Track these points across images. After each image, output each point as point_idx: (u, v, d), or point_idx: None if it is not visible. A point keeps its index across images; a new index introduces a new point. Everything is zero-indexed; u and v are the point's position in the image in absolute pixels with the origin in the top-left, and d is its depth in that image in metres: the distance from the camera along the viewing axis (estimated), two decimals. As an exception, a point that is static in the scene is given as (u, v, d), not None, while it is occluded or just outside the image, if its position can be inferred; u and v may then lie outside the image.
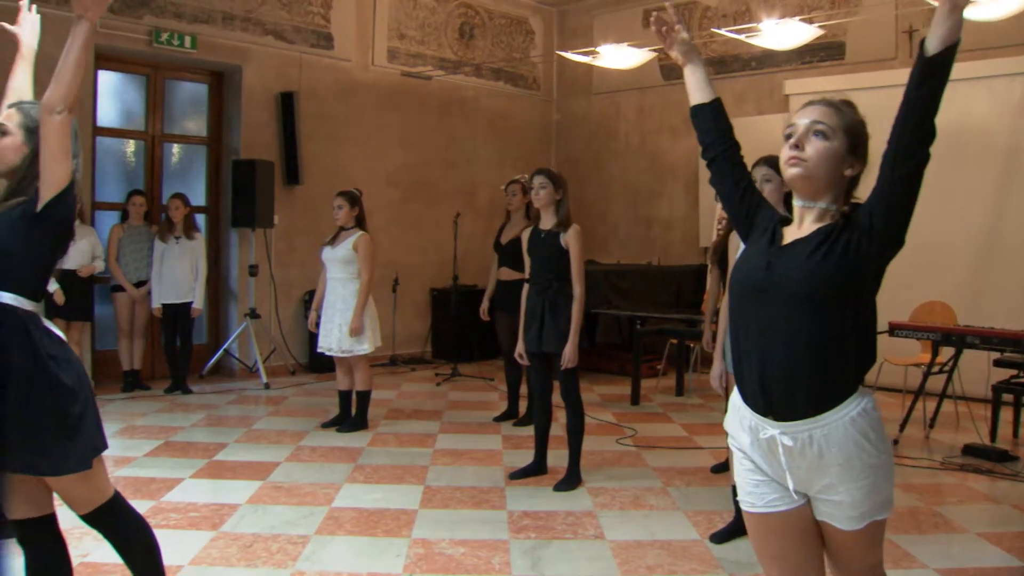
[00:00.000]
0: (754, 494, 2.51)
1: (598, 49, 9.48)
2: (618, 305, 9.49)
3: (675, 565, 4.30)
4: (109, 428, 6.68)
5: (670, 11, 2.77)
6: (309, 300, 9.98)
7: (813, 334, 2.36)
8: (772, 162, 4.54)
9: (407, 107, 11.16)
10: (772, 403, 2.41)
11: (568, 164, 12.13)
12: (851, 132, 2.44)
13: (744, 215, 2.65)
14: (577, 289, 5.54)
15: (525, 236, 5.87)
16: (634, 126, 11.91)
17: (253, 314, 9.48)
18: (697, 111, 2.74)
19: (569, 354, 5.50)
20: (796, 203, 2.50)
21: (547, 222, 5.68)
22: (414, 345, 11.16)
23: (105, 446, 2.96)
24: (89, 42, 2.90)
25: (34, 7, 3.37)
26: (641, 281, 10.00)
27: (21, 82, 3.33)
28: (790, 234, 2.50)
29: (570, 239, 5.55)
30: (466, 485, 5.69)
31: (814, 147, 2.42)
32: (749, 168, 2.77)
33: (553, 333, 5.55)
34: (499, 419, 7.67)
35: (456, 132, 11.71)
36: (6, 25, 3.36)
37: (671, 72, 11.21)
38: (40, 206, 2.85)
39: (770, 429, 2.43)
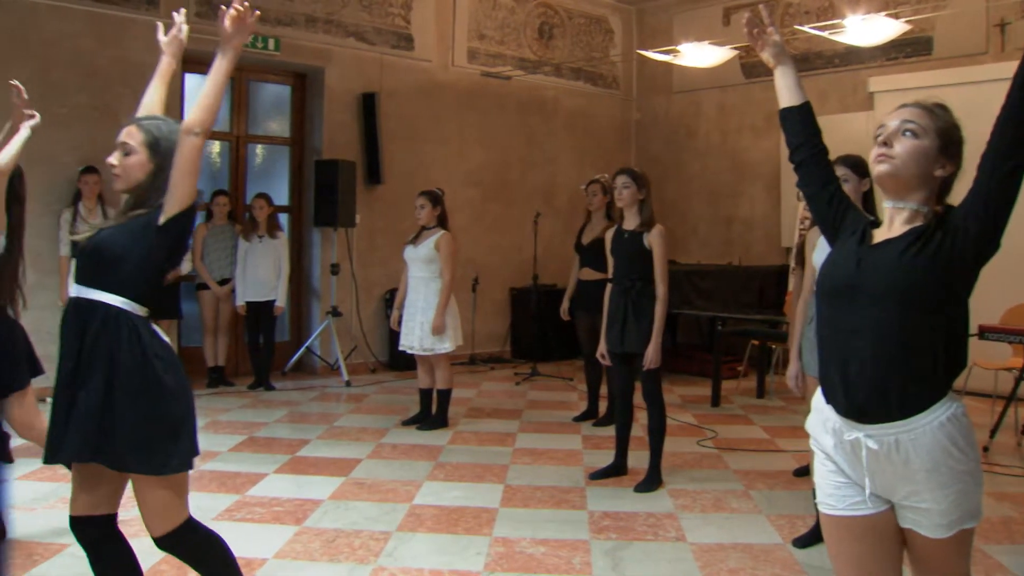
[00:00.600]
0: (835, 496, 2.47)
1: (679, 47, 9.41)
2: (699, 305, 9.41)
3: (757, 569, 4.25)
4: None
5: (763, 12, 2.75)
6: (390, 299, 10.07)
7: (902, 334, 2.31)
8: (850, 162, 4.47)
9: (487, 107, 11.20)
10: (858, 405, 2.35)
11: (648, 163, 12.05)
12: (943, 133, 2.39)
13: (831, 219, 2.61)
14: (661, 289, 5.50)
15: (609, 236, 5.85)
16: (714, 125, 11.80)
17: (335, 312, 9.60)
18: (787, 114, 2.72)
19: (651, 355, 5.47)
20: (886, 204, 2.46)
21: (630, 222, 5.65)
22: (493, 344, 11.20)
23: (198, 452, 3.02)
24: (231, 69, 2.98)
25: (184, 27, 3.43)
26: (722, 281, 9.91)
27: (153, 99, 3.41)
28: (880, 235, 2.46)
29: (653, 239, 5.52)
30: (546, 484, 5.69)
31: (903, 145, 2.38)
32: None
33: (635, 333, 5.52)
34: (579, 419, 7.66)
35: (535, 132, 11.73)
36: (161, 36, 3.42)
37: (752, 70, 11.09)
38: (163, 219, 2.93)
39: (855, 432, 2.38)
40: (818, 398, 2.52)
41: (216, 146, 9.79)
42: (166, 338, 3.04)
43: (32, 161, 7.98)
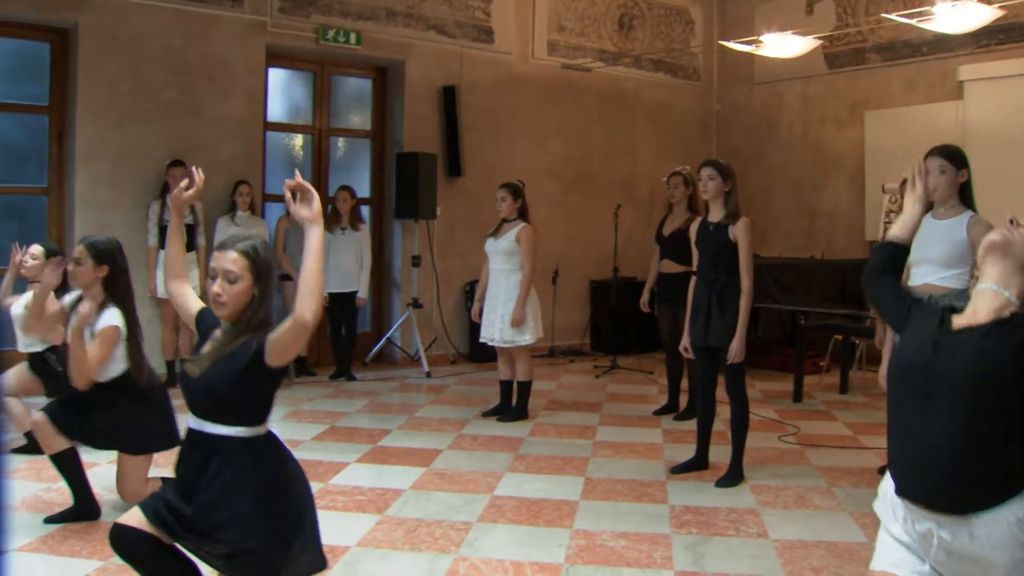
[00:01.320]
0: (897, 563, 2.44)
1: (761, 38, 9.30)
2: (780, 299, 9.28)
3: (841, 568, 4.18)
4: (277, 412, 6.92)
5: (923, 166, 2.85)
6: (470, 290, 10.13)
7: (978, 422, 2.25)
8: (946, 152, 4.38)
9: (567, 99, 11.19)
10: (930, 493, 2.30)
11: (728, 155, 11.89)
12: None
13: (901, 319, 2.62)
14: (746, 283, 5.44)
15: (693, 228, 5.82)
16: (797, 116, 11.64)
17: (416, 304, 9.68)
18: (891, 248, 2.79)
19: (736, 349, 5.42)
20: (980, 286, 2.43)
21: (715, 214, 5.60)
22: (573, 337, 11.20)
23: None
24: (321, 241, 2.97)
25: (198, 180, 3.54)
26: (804, 275, 9.75)
27: (177, 260, 3.55)
28: (961, 321, 2.41)
29: (739, 232, 5.46)
30: (627, 478, 5.68)
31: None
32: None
33: (719, 327, 5.48)
34: (659, 412, 7.62)
35: (616, 124, 11.68)
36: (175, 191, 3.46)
37: (835, 60, 10.92)
38: (268, 366, 2.97)
39: (927, 522, 2.33)
40: (887, 484, 2.47)
41: (299, 139, 9.93)
42: (287, 448, 3.14)
43: (122, 155, 8.25)
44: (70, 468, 4.70)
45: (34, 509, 4.88)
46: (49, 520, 4.63)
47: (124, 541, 2.99)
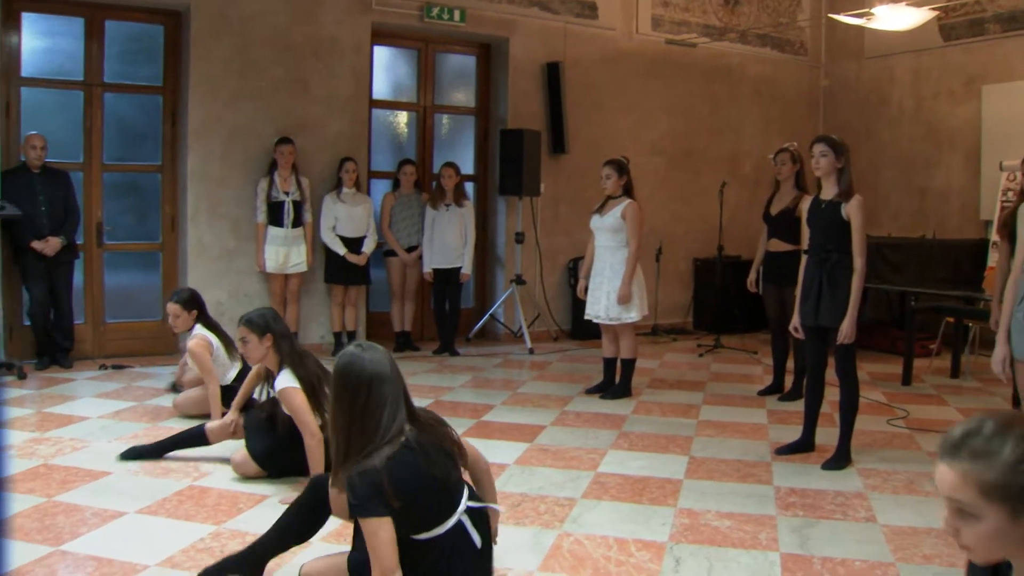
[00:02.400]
0: None
1: (872, 10, 9.05)
2: (890, 280, 9.06)
3: (954, 557, 4.04)
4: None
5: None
6: (573, 268, 10.13)
7: None
8: None
9: (671, 75, 11.07)
10: None
11: (836, 131, 11.46)
12: None
13: None
14: (858, 262, 5.31)
15: (804, 206, 5.71)
16: (908, 91, 11.31)
17: (519, 280, 9.71)
18: None
19: (846, 329, 5.31)
20: None
21: (828, 192, 5.47)
22: (676, 315, 11.12)
23: None
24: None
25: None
26: (915, 255, 9.50)
27: None
28: None
29: (852, 210, 5.33)
30: (731, 458, 5.62)
31: None
32: None
33: (830, 306, 5.37)
34: (764, 393, 7.53)
35: (721, 100, 11.52)
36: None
37: (951, 32, 10.57)
38: None
39: None
40: None
41: (403, 116, 10.02)
42: None
43: (232, 133, 8.43)
44: None
45: (152, 474, 5.05)
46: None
47: None
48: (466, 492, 3.26)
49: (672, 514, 4.59)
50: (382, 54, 9.74)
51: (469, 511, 3.21)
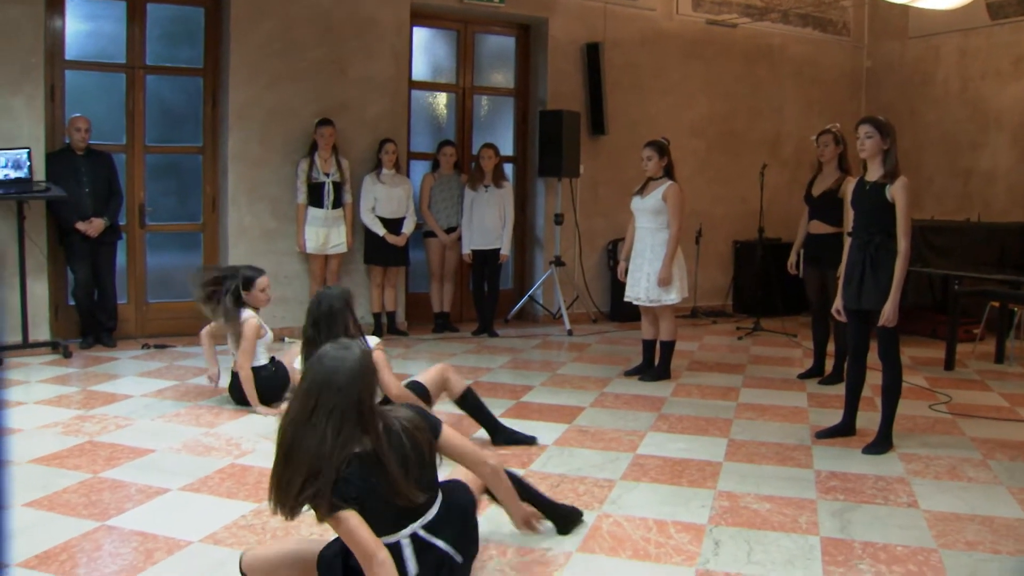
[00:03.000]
0: None
1: (918, -11, 8.91)
2: (933, 263, 8.95)
3: (998, 544, 4.01)
4: (419, 366, 7.10)
5: None
6: (612, 249, 10.11)
7: None
8: None
9: (712, 56, 10.98)
10: None
11: (879, 113, 11.42)
12: None
13: None
14: (903, 244, 5.23)
15: (848, 188, 5.66)
16: (954, 71, 11.14)
17: (558, 262, 9.70)
18: None
19: (889, 311, 5.24)
20: None
21: (873, 173, 5.41)
22: (715, 298, 11.07)
23: None
24: None
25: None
26: (959, 238, 9.37)
27: None
28: None
29: (896, 191, 5.26)
30: (771, 441, 5.59)
31: None
32: None
33: (873, 289, 5.31)
34: (803, 376, 7.47)
35: (761, 81, 11.41)
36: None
37: (999, 10, 10.40)
38: None
39: None
40: None
41: (443, 97, 10.01)
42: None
43: (273, 114, 8.47)
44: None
45: (194, 452, 5.11)
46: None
47: None
48: (424, 520, 3.11)
49: (711, 496, 4.57)
50: (421, 35, 9.74)
51: (417, 540, 3.10)
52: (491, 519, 4.18)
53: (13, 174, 7.35)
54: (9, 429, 5.48)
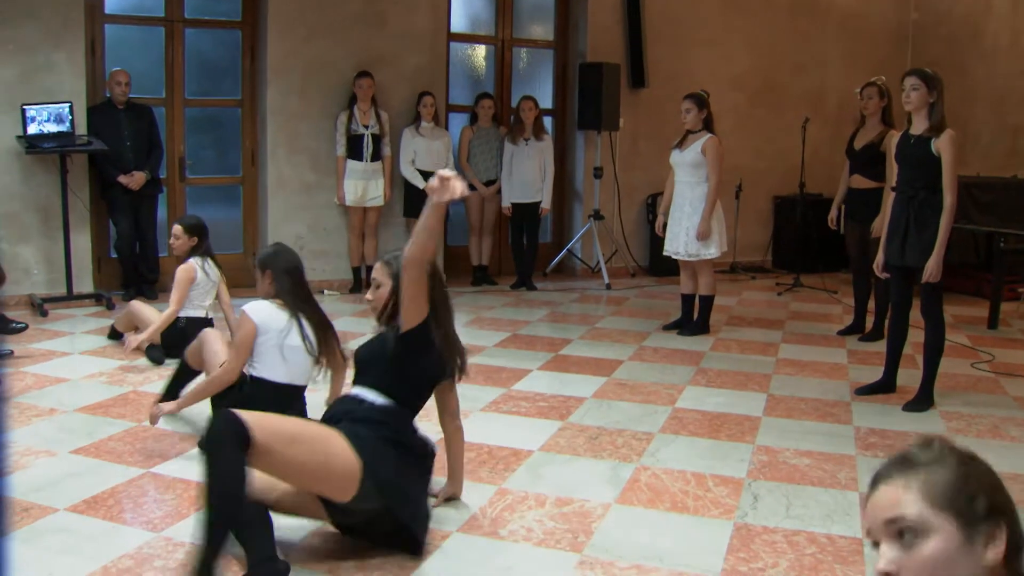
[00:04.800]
0: None
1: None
2: (977, 220, 8.78)
3: (1044, 501, 4.00)
4: (461, 318, 7.10)
5: None
6: (652, 203, 10.05)
7: None
8: None
9: (755, 9, 10.80)
10: None
11: (925, 67, 11.28)
12: None
13: None
14: (948, 199, 5.10)
15: (892, 141, 5.56)
16: (1005, 23, 10.90)
17: (597, 215, 9.66)
18: None
19: (933, 267, 5.14)
20: None
21: (918, 126, 5.29)
22: (755, 253, 10.97)
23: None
24: (439, 217, 3.30)
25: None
26: (1006, 195, 9.18)
27: None
28: None
29: (943, 145, 5.14)
30: (810, 396, 5.56)
31: None
32: None
33: (917, 245, 5.22)
34: (843, 333, 7.40)
35: (805, 34, 11.22)
36: None
37: (1052, -38, 10.15)
38: (402, 331, 3.49)
39: None
40: None
41: (481, 50, 9.95)
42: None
43: (312, 67, 8.47)
44: None
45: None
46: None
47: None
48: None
49: (750, 451, 4.57)
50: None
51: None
52: (531, 469, 4.21)
53: (55, 128, 7.42)
54: (56, 378, 5.57)
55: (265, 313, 4.22)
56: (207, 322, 5.91)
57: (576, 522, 3.65)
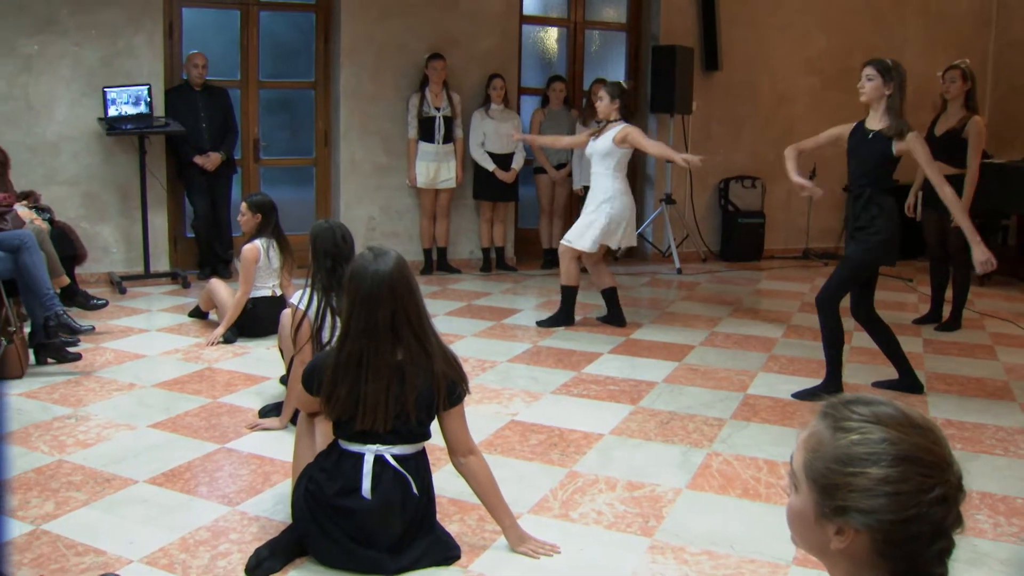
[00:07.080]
0: None
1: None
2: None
3: None
4: (528, 302, 7.11)
5: None
6: (724, 188, 9.95)
7: None
8: None
9: (831, -11, 10.63)
10: None
11: (1009, 49, 11.02)
12: None
13: None
14: (947, 189, 5.27)
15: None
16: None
17: (668, 199, 9.59)
18: None
19: (981, 259, 4.94)
20: None
21: (874, 121, 5.43)
22: (827, 240, 10.80)
23: None
24: None
25: None
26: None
27: None
28: None
29: (913, 145, 5.24)
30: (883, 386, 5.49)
31: None
32: None
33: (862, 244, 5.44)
34: (919, 321, 7.26)
35: (883, 16, 10.99)
36: None
37: None
38: None
39: None
40: None
41: (553, 32, 9.91)
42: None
43: (384, 49, 8.50)
44: None
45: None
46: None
47: None
48: (386, 445, 3.07)
49: (823, 439, 4.49)
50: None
51: (379, 460, 3.06)
52: (601, 452, 4.21)
53: (134, 110, 7.56)
54: (134, 354, 5.69)
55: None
56: (274, 300, 5.99)
57: (647, 506, 3.64)
